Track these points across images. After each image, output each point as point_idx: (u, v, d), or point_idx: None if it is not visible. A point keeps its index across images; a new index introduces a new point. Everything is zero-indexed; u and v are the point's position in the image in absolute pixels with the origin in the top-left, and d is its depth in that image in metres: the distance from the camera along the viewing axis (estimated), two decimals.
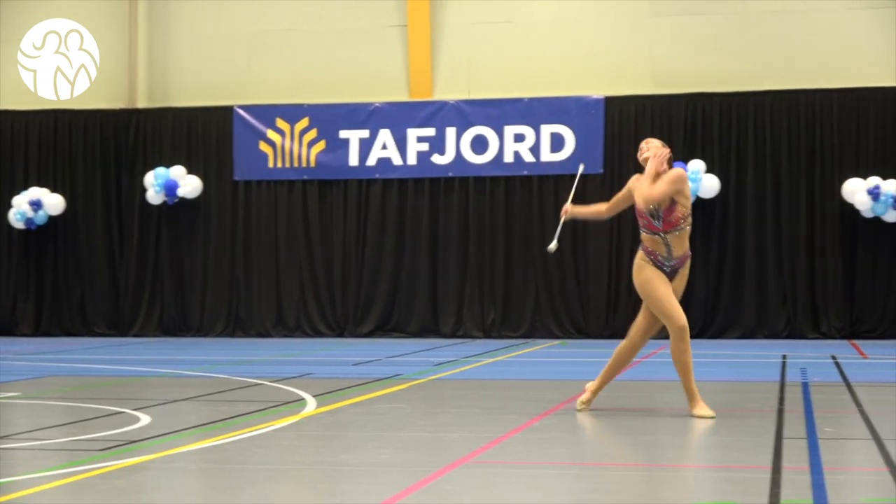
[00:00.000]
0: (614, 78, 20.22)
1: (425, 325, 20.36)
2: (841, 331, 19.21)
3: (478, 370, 14.55)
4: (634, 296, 19.55)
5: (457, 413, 10.34)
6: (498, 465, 7.79)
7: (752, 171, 19.62)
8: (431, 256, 20.44)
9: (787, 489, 6.81)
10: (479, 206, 20.34)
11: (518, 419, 9.70)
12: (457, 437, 8.93)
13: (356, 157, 20.62)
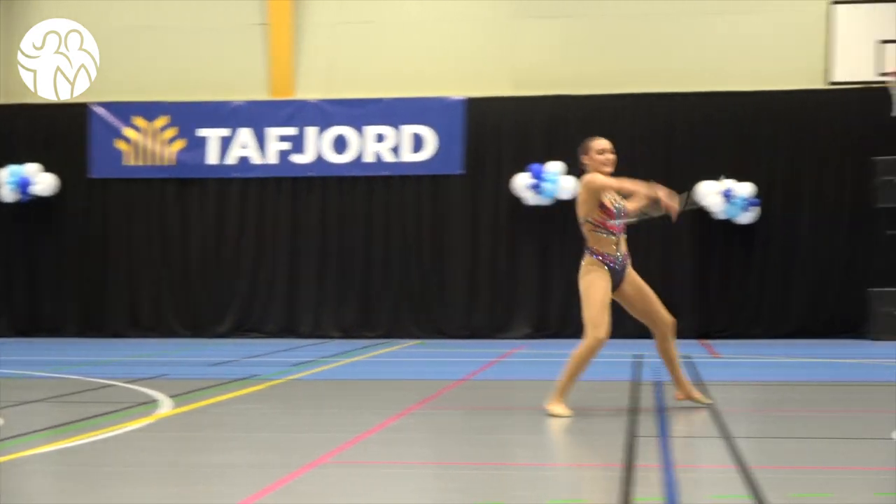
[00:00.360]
0: (475, 79, 20.34)
1: (283, 326, 20.28)
2: (693, 330, 19.56)
3: (336, 370, 14.52)
4: (493, 296, 19.79)
5: (314, 413, 10.33)
6: (355, 465, 7.79)
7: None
8: (290, 256, 20.36)
9: (639, 487, 6.92)
10: (339, 206, 20.32)
11: (376, 419, 9.71)
12: (314, 438, 8.92)
13: (216, 155, 20.46)
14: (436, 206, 20.19)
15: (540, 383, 13.20)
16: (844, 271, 19.52)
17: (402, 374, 14.29)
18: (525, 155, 19.95)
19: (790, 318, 19.56)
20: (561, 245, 19.83)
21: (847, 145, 19.62)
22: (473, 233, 20.05)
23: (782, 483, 7.19)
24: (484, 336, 19.86)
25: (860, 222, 19.49)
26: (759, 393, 11.65)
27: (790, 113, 19.66)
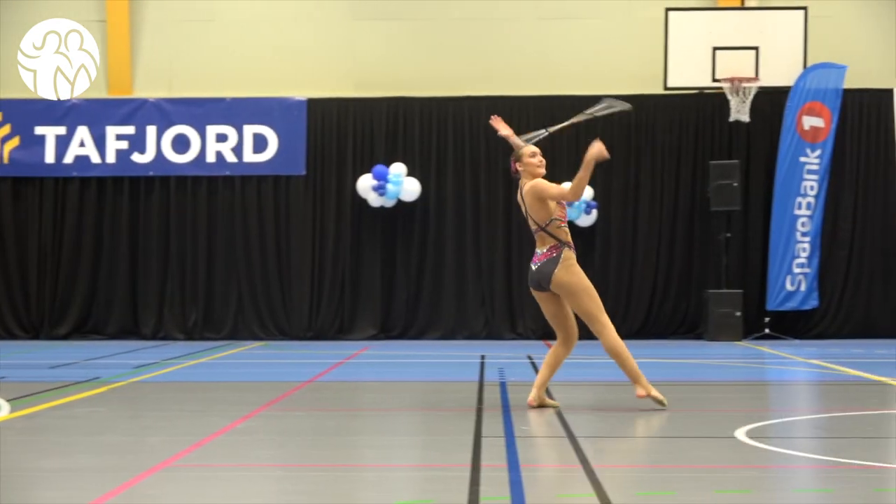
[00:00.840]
0: (317, 80, 20.28)
1: (125, 327, 19.98)
2: (536, 332, 19.77)
3: (179, 372, 14.37)
4: (337, 297, 19.76)
5: (158, 416, 10.21)
6: (200, 468, 7.73)
7: (451, 174, 19.99)
8: (131, 256, 20.06)
9: (486, 486, 6.98)
10: (180, 206, 20.09)
11: (221, 421, 9.64)
12: (158, 441, 8.82)
13: (52, 154, 20.07)
14: (278, 207, 20.08)
15: (386, 384, 13.25)
16: (682, 273, 19.90)
17: (247, 376, 14.19)
18: (368, 156, 19.96)
19: (630, 318, 19.87)
20: (405, 246, 19.89)
21: (683, 150, 20.00)
22: (317, 234, 19.99)
23: (626, 482, 7.32)
24: (328, 338, 19.82)
25: (697, 225, 19.89)
26: (602, 393, 11.83)
27: (628, 117, 19.95)
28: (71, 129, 20.08)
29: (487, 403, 10.83)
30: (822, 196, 19.50)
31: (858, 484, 7.11)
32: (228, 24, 20.36)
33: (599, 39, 20.17)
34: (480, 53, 20.23)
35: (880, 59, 20.00)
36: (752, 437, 8.77)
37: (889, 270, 19.77)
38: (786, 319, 19.65)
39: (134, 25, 20.27)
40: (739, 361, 15.95)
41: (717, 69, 19.16)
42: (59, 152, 20.06)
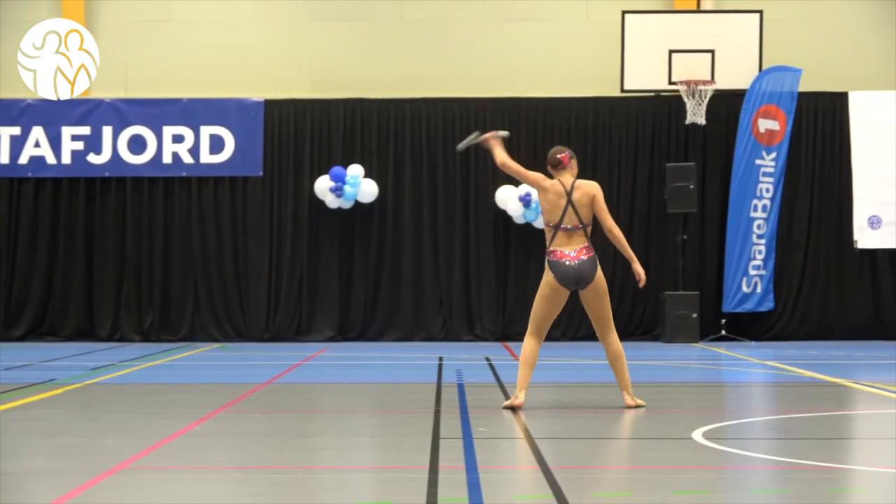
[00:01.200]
0: (274, 81, 20.23)
1: (81, 329, 19.87)
2: (494, 333, 19.81)
3: (136, 374, 14.31)
4: (294, 298, 19.71)
5: (114, 418, 10.16)
6: (158, 470, 7.70)
7: (409, 176, 19.99)
8: (87, 258, 19.95)
9: (444, 488, 6.98)
10: (136, 207, 19.99)
11: (178, 423, 9.60)
12: (115, 443, 8.78)
13: (7, 154, 19.94)
14: (235, 208, 20.02)
15: (344, 386, 13.24)
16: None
17: (205, 378, 14.15)
18: (326, 158, 19.93)
19: (587, 320, 19.80)
20: (362, 248, 19.88)
21: (640, 152, 20.08)
22: (274, 235, 19.95)
23: (583, 483, 7.34)
24: (286, 339, 19.78)
25: (653, 227, 19.97)
26: (559, 394, 11.86)
27: (585, 119, 20.04)
28: (26, 129, 19.96)
29: (445, 405, 10.84)
30: (778, 198, 19.62)
31: (814, 484, 7.16)
32: (185, 24, 20.29)
33: (556, 42, 20.23)
34: (438, 55, 20.25)
35: (835, 62, 20.14)
36: (708, 438, 8.81)
37: (844, 273, 19.91)
38: (742, 321, 19.76)
39: (89, 25, 20.14)
40: (696, 363, 16.03)
41: (673, 72, 19.25)
42: (13, 153, 19.93)
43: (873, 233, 19.78)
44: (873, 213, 19.77)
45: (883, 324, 19.84)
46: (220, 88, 20.15)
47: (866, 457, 8.61)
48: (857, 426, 10.19)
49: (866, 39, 20.25)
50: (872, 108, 19.82)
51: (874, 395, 11.81)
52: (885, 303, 19.85)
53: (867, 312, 19.88)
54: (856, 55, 20.21)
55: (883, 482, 7.32)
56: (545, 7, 20.29)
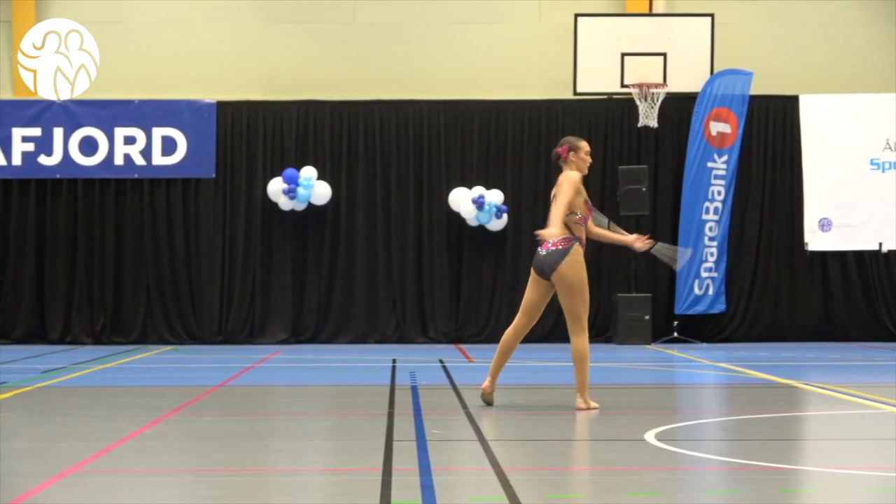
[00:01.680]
0: (226, 82, 20.16)
1: (31, 331, 19.72)
2: (447, 335, 19.81)
3: (87, 377, 14.23)
4: (248, 301, 19.64)
5: (65, 421, 10.09)
6: (109, 474, 7.66)
7: (362, 178, 19.97)
8: (38, 259, 19.79)
9: (398, 490, 6.98)
10: (88, 209, 19.86)
11: (130, 427, 9.56)
12: (66, 446, 8.73)
13: None
14: (188, 210, 19.94)
15: (297, 389, 13.22)
16: (592, 277, 19.89)
17: (157, 381, 14.09)
18: (279, 160, 19.89)
19: (540, 322, 19.73)
20: (315, 250, 19.84)
21: (593, 154, 19.98)
22: (227, 237, 19.87)
23: (537, 484, 7.35)
24: (239, 342, 19.71)
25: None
26: (512, 396, 11.87)
27: (538, 122, 20.08)
28: None
29: (399, 407, 10.84)
30: (730, 201, 19.73)
31: (766, 485, 7.21)
32: (137, 25, 20.17)
33: (509, 44, 20.26)
34: (391, 57, 20.24)
35: (786, 65, 20.28)
36: (661, 439, 8.85)
37: (795, 275, 20.05)
38: (694, 323, 19.86)
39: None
40: (649, 365, 16.10)
41: (625, 75, 19.32)
42: None
43: (824, 235, 19.92)
44: (824, 215, 19.92)
45: (833, 325, 19.99)
46: (173, 90, 20.06)
47: (817, 458, 8.68)
48: (807, 427, 10.26)
49: (817, 43, 20.40)
50: (823, 112, 19.97)
51: (825, 397, 11.89)
52: (836, 305, 20.00)
53: (818, 314, 20.02)
54: (806, 59, 20.37)
55: (833, 483, 7.38)
56: (498, 10, 20.33)
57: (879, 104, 19.95)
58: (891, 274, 20.04)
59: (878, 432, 9.67)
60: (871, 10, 20.43)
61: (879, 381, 13.98)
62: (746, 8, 20.38)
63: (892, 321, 19.98)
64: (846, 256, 20.02)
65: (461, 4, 20.31)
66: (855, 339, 19.85)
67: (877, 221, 19.90)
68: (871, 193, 19.91)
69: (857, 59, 20.39)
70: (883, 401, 11.25)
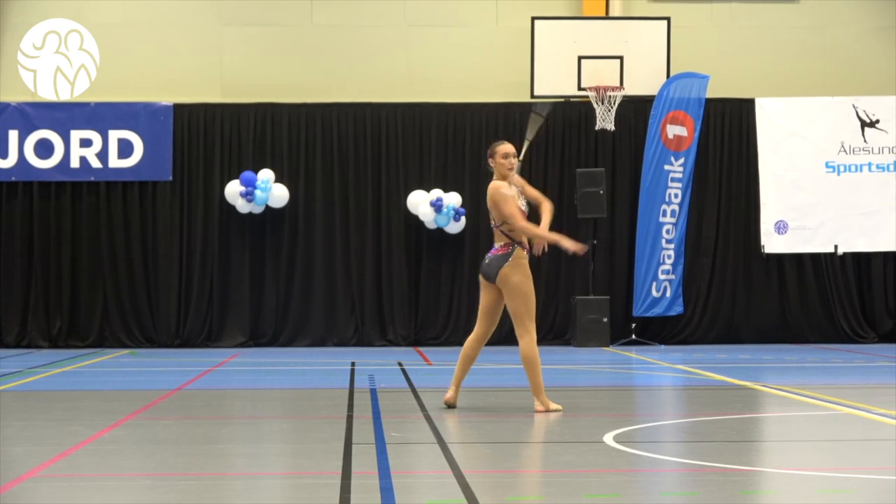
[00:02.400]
0: (183, 85, 20.08)
1: None
2: (406, 338, 19.81)
3: (44, 381, 14.14)
4: (205, 304, 19.56)
5: (21, 426, 10.02)
6: (66, 479, 7.62)
7: (320, 181, 19.94)
8: None
9: (357, 494, 6.98)
10: (43, 212, 19.74)
11: (87, 431, 9.51)
12: (22, 451, 8.67)
13: None
14: (144, 213, 19.84)
15: (255, 392, 13.18)
16: (550, 280, 20.05)
17: (114, 385, 14.01)
18: (236, 162, 19.83)
19: (499, 325, 19.82)
20: (273, 253, 19.80)
21: (550, 157, 20.18)
22: (184, 240, 19.79)
23: (496, 486, 7.37)
24: (196, 345, 19.63)
25: (564, 232, 19.93)
26: (471, 399, 11.87)
27: (496, 125, 20.10)
28: None
29: (358, 410, 10.83)
30: (686, 204, 19.82)
31: (724, 487, 7.24)
32: (92, 27, 20.02)
33: (467, 47, 20.28)
34: (348, 60, 20.21)
35: (742, 69, 20.39)
36: (619, 441, 8.88)
37: (751, 277, 20.15)
38: (652, 325, 19.93)
39: (5, 30, 19.86)
40: (607, 367, 16.14)
41: (582, 78, 19.38)
42: None
43: (780, 238, 20.05)
44: (780, 218, 20.04)
45: (789, 327, 20.12)
46: (129, 92, 19.97)
47: (775, 459, 8.73)
48: (765, 429, 10.31)
49: (772, 46, 20.52)
50: (778, 115, 20.10)
51: (781, 398, 11.96)
52: (792, 307, 20.12)
53: (774, 316, 20.14)
54: (762, 62, 20.48)
55: (792, 483, 7.42)
56: (455, 13, 20.34)
57: (834, 107, 20.10)
58: (846, 276, 20.18)
59: (834, 433, 9.75)
60: (827, 13, 20.56)
61: (835, 382, 14.10)
62: (702, 12, 20.48)
63: (848, 323, 20.13)
64: (802, 259, 20.15)
65: (419, 7, 20.31)
66: (811, 340, 19.99)
67: (832, 224, 20.04)
68: (827, 196, 20.05)
69: (813, 62, 20.53)
70: (838, 402, 11.32)
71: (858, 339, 20.01)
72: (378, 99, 20.07)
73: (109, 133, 19.80)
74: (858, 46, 20.53)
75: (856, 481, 7.45)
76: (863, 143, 20.09)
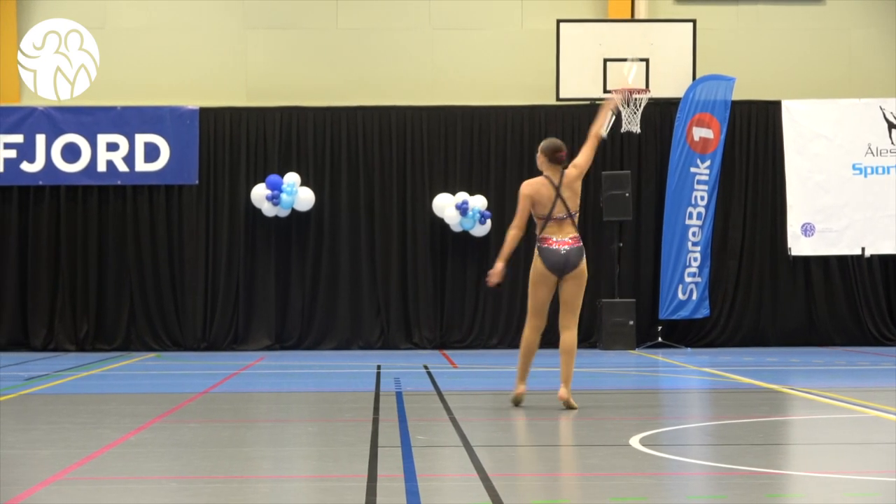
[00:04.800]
0: (208, 89, 20.13)
1: (14, 339, 19.65)
2: (432, 341, 19.80)
3: (70, 384, 14.19)
4: (231, 307, 19.58)
5: (49, 429, 10.05)
6: (93, 482, 7.63)
7: (346, 184, 19.96)
8: (20, 267, 19.74)
9: (382, 497, 6.97)
10: (70, 216, 19.81)
11: (114, 434, 9.53)
12: (49, 454, 8.69)
13: None
14: (171, 217, 19.89)
15: (281, 395, 13.19)
16: None
17: (141, 388, 14.05)
18: (262, 166, 19.87)
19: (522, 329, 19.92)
20: (300, 256, 19.82)
21: None
22: (210, 244, 19.83)
23: (522, 490, 7.36)
24: (222, 348, 19.66)
25: (590, 235, 20.01)
26: (497, 402, 11.87)
27: (521, 128, 20.09)
28: None
29: (384, 413, 10.82)
30: (712, 206, 19.76)
31: (751, 490, 7.21)
32: (118, 31, 20.12)
33: (492, 50, 20.27)
34: (373, 63, 20.23)
35: (768, 71, 20.33)
36: (646, 444, 8.85)
37: (777, 280, 20.08)
38: (678, 328, 19.88)
39: (22, 32, 19.94)
40: (633, 370, 16.11)
41: (608, 80, 19.34)
42: None
43: (806, 240, 19.97)
44: (806, 220, 19.97)
45: (816, 330, 20.04)
46: (155, 96, 20.03)
47: (802, 462, 8.69)
48: (792, 432, 10.28)
49: (798, 49, 20.46)
50: (805, 117, 20.03)
51: (809, 401, 11.92)
52: (819, 310, 20.04)
53: (801, 319, 20.07)
54: (788, 64, 20.42)
55: (818, 487, 7.39)
56: (480, 15, 20.34)
57: (861, 109, 20.02)
58: (873, 279, 20.10)
59: (861, 436, 9.70)
60: (853, 15, 20.48)
61: (862, 385, 14.03)
62: (728, 14, 20.43)
63: (875, 326, 20.05)
64: (829, 261, 20.07)
65: (444, 11, 20.31)
66: (838, 343, 19.91)
67: (859, 226, 19.96)
68: (853, 198, 19.97)
69: (839, 64, 20.46)
70: (866, 405, 11.27)
71: (886, 342, 19.92)
72: (403, 102, 20.08)
73: (136, 137, 19.85)
74: (885, 48, 20.45)
75: (882, 484, 7.41)
76: (890, 144, 20.00)
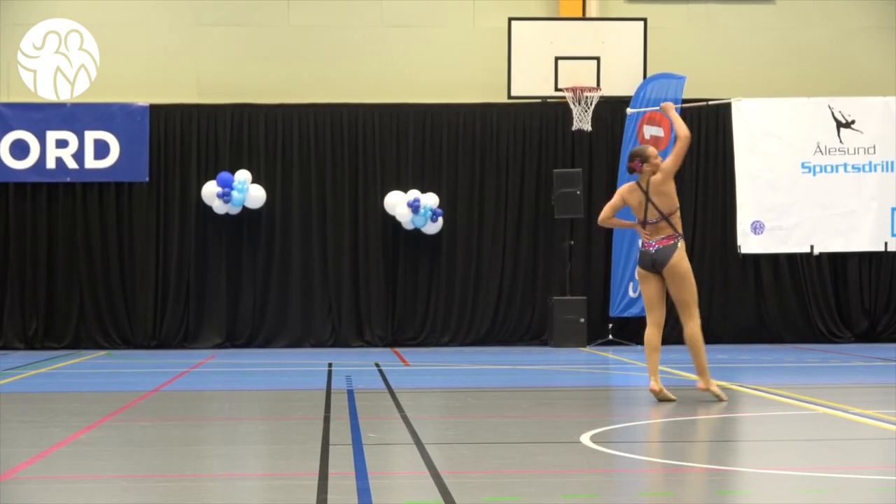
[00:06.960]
0: (159, 85, 20.01)
1: None
2: (384, 339, 19.79)
3: (19, 382, 14.09)
4: (182, 305, 19.49)
5: None
6: (42, 481, 7.59)
7: (297, 181, 19.91)
8: None
9: (334, 495, 6.97)
10: (19, 213, 19.66)
11: (63, 433, 9.47)
12: None
13: None
14: (121, 214, 19.78)
15: (232, 393, 13.16)
16: (527, 280, 20.08)
17: (90, 386, 13.97)
18: (213, 163, 19.79)
19: (475, 325, 20.00)
20: (251, 254, 19.76)
21: (527, 158, 20.19)
22: (161, 241, 19.73)
23: (473, 487, 7.36)
24: (173, 346, 19.58)
25: (541, 233, 20.09)
26: (448, 399, 11.90)
27: (473, 125, 20.12)
28: None
29: (335, 411, 10.82)
30: None
31: (701, 486, 7.26)
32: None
33: (444, 48, 20.28)
34: (325, 61, 20.18)
35: (719, 70, 20.42)
36: (597, 441, 8.89)
37: (728, 277, 20.19)
38: (629, 326, 19.94)
39: None
40: (584, 367, 16.16)
41: (559, 78, 19.39)
42: None
43: (756, 238, 20.10)
44: (756, 218, 20.09)
45: (766, 327, 20.18)
46: (105, 93, 19.89)
47: (751, 459, 8.75)
48: (741, 429, 10.34)
49: (749, 47, 20.57)
50: (754, 115, 20.14)
51: (758, 398, 12.00)
52: (768, 307, 20.17)
53: (751, 316, 20.19)
54: (739, 63, 20.52)
55: (768, 483, 7.44)
56: (432, 13, 20.33)
57: (810, 108, 20.15)
58: (822, 276, 20.24)
59: (810, 433, 9.78)
60: (803, 14, 20.61)
61: (811, 382, 14.15)
62: (678, 12, 20.52)
63: (824, 323, 20.20)
64: (778, 259, 20.20)
65: (395, 8, 20.29)
66: (787, 340, 20.05)
67: (808, 224, 20.10)
68: (803, 197, 20.11)
69: (789, 63, 20.58)
70: (815, 402, 11.36)
71: (834, 339, 20.08)
72: (355, 100, 20.05)
73: (86, 134, 19.73)
74: (834, 47, 20.60)
75: (832, 481, 7.47)
76: (839, 143, 20.15)
